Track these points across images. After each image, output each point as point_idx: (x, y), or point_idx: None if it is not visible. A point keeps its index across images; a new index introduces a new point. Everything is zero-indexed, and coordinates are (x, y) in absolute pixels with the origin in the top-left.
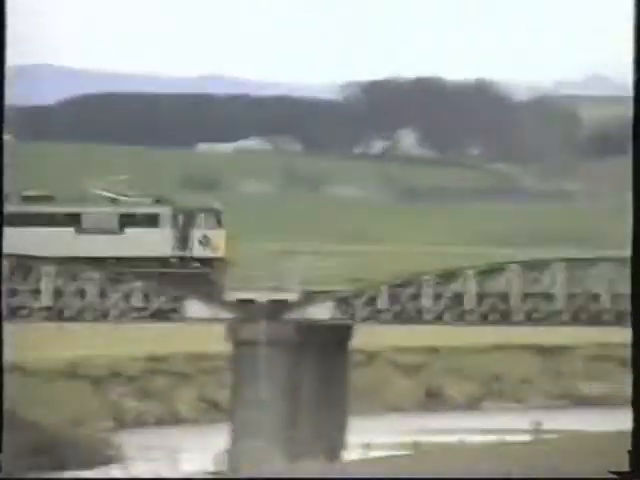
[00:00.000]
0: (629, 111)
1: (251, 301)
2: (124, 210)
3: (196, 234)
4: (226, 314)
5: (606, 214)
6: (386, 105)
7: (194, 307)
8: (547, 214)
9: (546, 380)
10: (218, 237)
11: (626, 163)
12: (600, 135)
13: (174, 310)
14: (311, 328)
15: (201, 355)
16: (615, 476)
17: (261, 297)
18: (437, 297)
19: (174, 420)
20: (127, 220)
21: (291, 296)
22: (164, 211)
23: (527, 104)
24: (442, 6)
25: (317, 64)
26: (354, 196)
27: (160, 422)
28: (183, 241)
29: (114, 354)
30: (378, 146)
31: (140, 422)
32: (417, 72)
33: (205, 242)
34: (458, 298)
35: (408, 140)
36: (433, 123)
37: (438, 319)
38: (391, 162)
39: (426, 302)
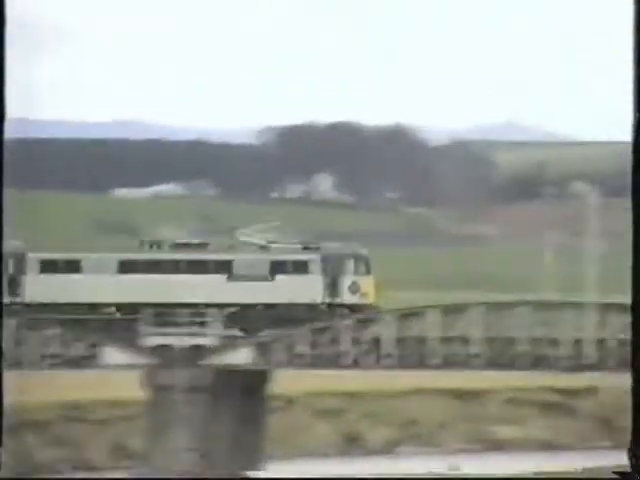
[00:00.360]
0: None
1: (169, 347)
2: (275, 257)
3: (346, 281)
4: (143, 360)
5: (521, 257)
6: (302, 150)
7: (111, 354)
8: (464, 257)
9: (462, 424)
10: (367, 284)
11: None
12: (514, 179)
13: (91, 357)
14: (228, 373)
15: (118, 402)
16: (617, 476)
17: (179, 342)
18: (355, 341)
19: (87, 467)
20: (278, 267)
21: (210, 341)
22: (314, 258)
23: (444, 149)
24: (359, 50)
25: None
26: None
27: (75, 469)
28: (333, 287)
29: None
30: (295, 190)
31: (53, 470)
32: (333, 117)
33: (354, 289)
34: (376, 342)
35: (325, 184)
36: (350, 168)
37: (356, 363)
38: (308, 206)
39: (345, 346)
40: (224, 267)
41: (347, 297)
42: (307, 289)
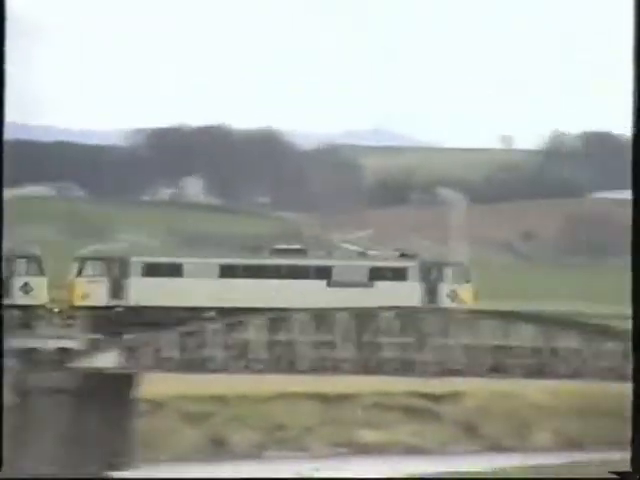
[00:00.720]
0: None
1: (35, 349)
2: (375, 264)
3: (444, 288)
4: (9, 362)
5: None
6: (172, 152)
7: None
8: None
9: (328, 428)
10: (465, 291)
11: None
12: (383, 184)
13: None
14: (95, 376)
15: None
16: (616, 476)
17: (46, 345)
18: (224, 345)
19: None
20: (377, 273)
21: (76, 344)
22: (412, 265)
23: (314, 153)
24: (228, 53)
25: (102, 110)
26: (140, 243)
27: None
28: (431, 294)
29: None
30: (165, 193)
31: None
32: (203, 120)
33: (453, 296)
34: (244, 346)
35: (195, 187)
36: (220, 171)
37: (225, 368)
38: (178, 209)
39: (213, 351)
40: (324, 273)
41: (445, 304)
42: (406, 295)
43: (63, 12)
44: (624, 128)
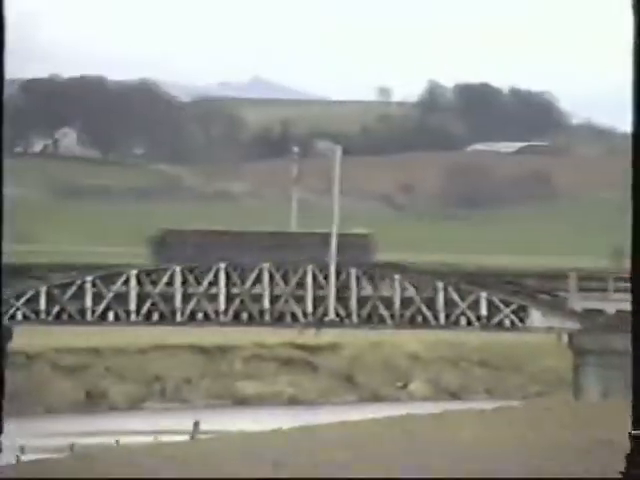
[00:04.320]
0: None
1: None
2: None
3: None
4: None
5: (268, 214)
6: (46, 104)
7: None
8: (213, 214)
9: (207, 380)
10: None
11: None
12: (260, 137)
13: None
14: None
15: None
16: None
17: None
18: (99, 297)
19: None
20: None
21: None
22: None
23: (191, 105)
24: (108, 3)
25: None
26: (13, 195)
27: None
28: None
29: None
30: (38, 145)
31: None
32: (79, 71)
33: None
34: (121, 298)
35: (69, 139)
36: (94, 122)
37: (100, 320)
38: (52, 161)
39: (88, 302)
40: None
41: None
42: None
43: None
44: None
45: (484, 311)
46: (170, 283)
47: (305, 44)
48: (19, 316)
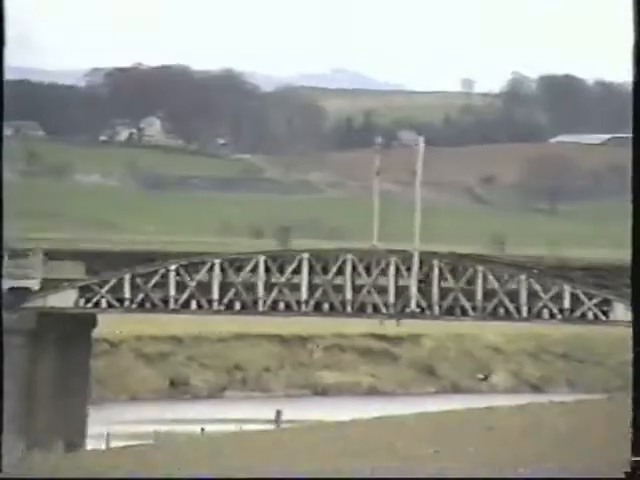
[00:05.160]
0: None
1: None
2: None
3: None
4: None
5: (349, 205)
6: (131, 93)
7: None
8: (293, 204)
9: (287, 369)
10: None
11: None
12: (344, 127)
13: None
14: (52, 316)
15: None
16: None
17: (1, 285)
18: (182, 286)
19: None
20: None
21: (32, 284)
22: None
23: (273, 95)
24: None
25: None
26: (99, 184)
27: None
28: None
29: None
30: (124, 134)
31: None
32: (163, 60)
33: None
34: (203, 287)
35: (153, 128)
36: (179, 112)
37: (183, 308)
38: (137, 150)
39: (171, 291)
40: None
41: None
42: None
43: None
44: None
45: (567, 304)
46: (253, 272)
47: (388, 34)
48: (103, 303)
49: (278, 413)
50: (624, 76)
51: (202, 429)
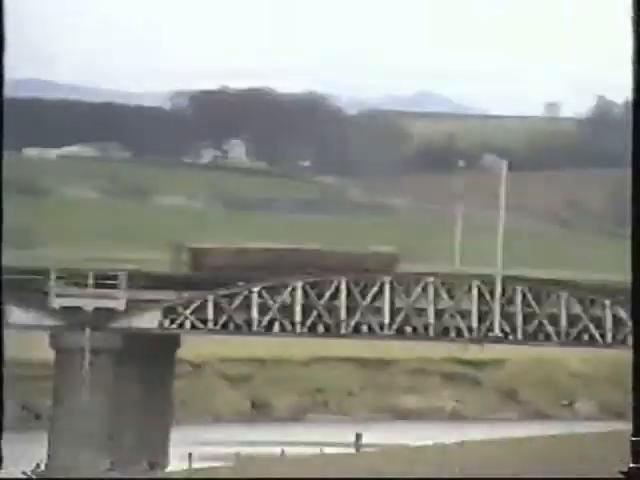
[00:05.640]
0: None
1: (78, 308)
2: None
3: None
4: (50, 321)
5: (430, 228)
6: (215, 115)
7: (16, 314)
8: (375, 227)
9: (369, 393)
10: None
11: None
12: (425, 150)
13: None
14: (137, 337)
15: (23, 362)
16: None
17: (87, 305)
18: (265, 308)
19: None
20: None
21: (118, 304)
22: None
23: (356, 118)
24: (269, 13)
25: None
26: (183, 205)
27: None
28: None
29: None
30: (207, 156)
31: None
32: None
33: None
34: (286, 309)
35: (237, 151)
36: (263, 134)
37: (266, 330)
38: (220, 172)
39: (254, 313)
40: None
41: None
42: None
43: None
44: None
45: None
46: (335, 296)
47: (472, 57)
48: (187, 325)
49: (358, 436)
50: None
51: (282, 450)
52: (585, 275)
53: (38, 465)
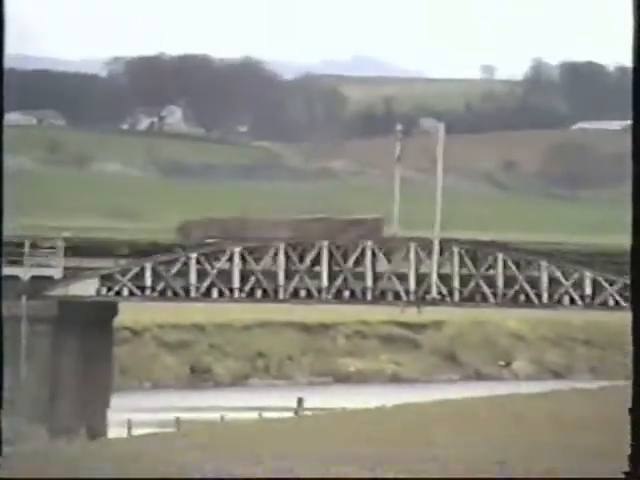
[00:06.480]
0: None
1: (14, 277)
2: None
3: None
4: None
5: (370, 192)
6: (152, 82)
7: None
8: (314, 192)
9: (309, 357)
10: None
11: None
12: (365, 115)
13: None
14: (74, 305)
15: None
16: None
17: (24, 273)
18: (203, 274)
19: None
20: None
21: (55, 272)
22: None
23: (293, 83)
24: None
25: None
26: (120, 172)
27: None
28: None
29: None
30: (144, 122)
31: None
32: (183, 49)
33: None
34: (224, 275)
35: (174, 117)
36: (199, 100)
37: (204, 296)
38: (157, 139)
39: (192, 279)
40: None
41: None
42: None
43: None
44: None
45: (588, 290)
46: (274, 261)
47: (408, 20)
48: (125, 292)
49: (299, 401)
50: None
51: (221, 416)
52: (522, 237)
53: None
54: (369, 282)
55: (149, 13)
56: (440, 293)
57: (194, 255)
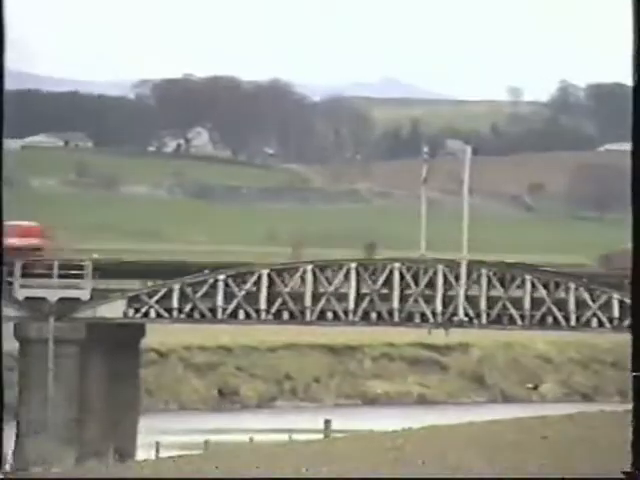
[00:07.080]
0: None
1: (41, 299)
2: None
3: None
4: (14, 312)
5: (396, 214)
6: (179, 104)
7: None
8: (339, 214)
9: (336, 379)
10: None
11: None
12: (392, 136)
13: None
14: (102, 326)
15: None
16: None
17: (51, 295)
18: (230, 296)
19: None
20: None
21: (82, 294)
22: None
23: (321, 105)
24: (237, 3)
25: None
26: (147, 194)
27: None
28: None
29: None
30: (171, 145)
31: None
32: (211, 71)
33: None
34: (251, 297)
35: (201, 139)
36: (226, 122)
37: (231, 318)
38: (184, 161)
39: (219, 301)
40: None
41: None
42: None
43: None
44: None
45: (616, 312)
46: (301, 282)
47: (435, 43)
48: (152, 314)
49: (327, 422)
50: None
51: (250, 438)
52: (549, 259)
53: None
54: (396, 304)
55: (177, 35)
56: (467, 315)
57: (222, 277)
